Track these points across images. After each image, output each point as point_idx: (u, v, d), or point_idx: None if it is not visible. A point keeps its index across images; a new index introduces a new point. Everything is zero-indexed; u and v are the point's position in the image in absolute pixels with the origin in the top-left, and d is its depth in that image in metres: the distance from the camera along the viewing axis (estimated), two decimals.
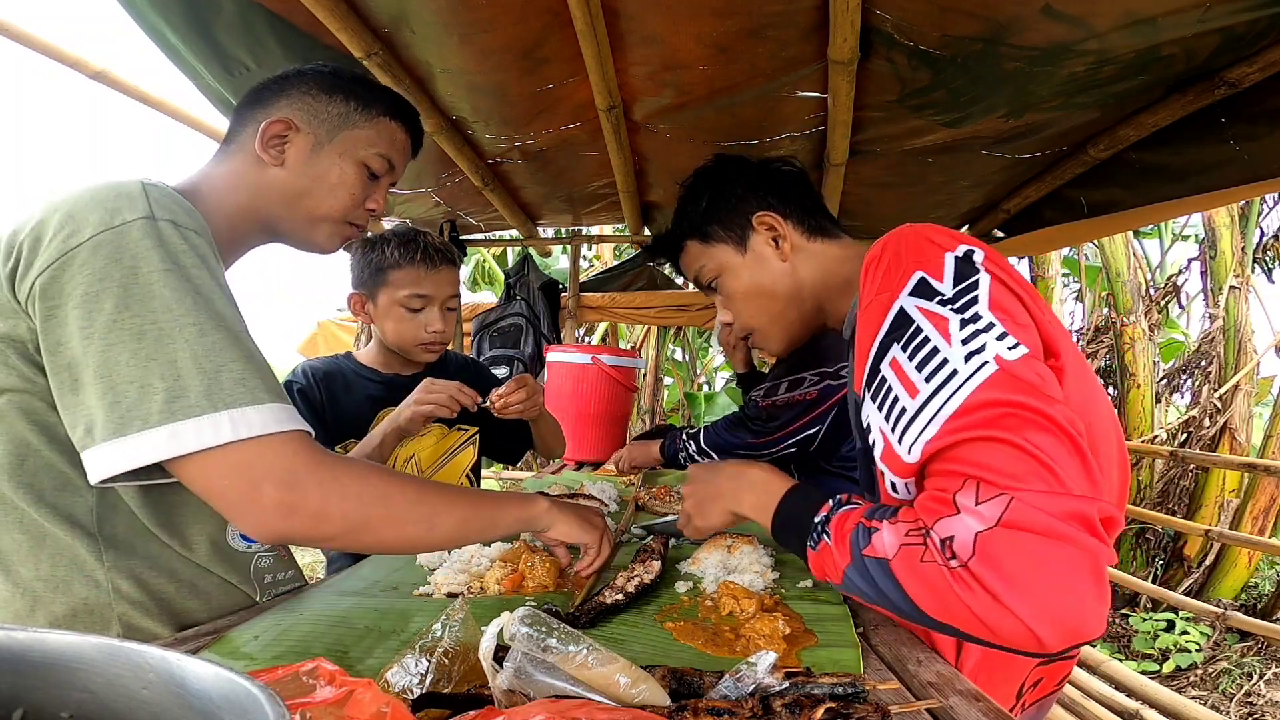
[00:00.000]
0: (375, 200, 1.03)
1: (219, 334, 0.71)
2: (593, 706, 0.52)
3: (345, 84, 0.99)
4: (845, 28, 1.61)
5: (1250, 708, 3.07)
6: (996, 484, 0.61)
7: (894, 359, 0.72)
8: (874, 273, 0.79)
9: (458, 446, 1.71)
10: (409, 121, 1.06)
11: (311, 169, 0.96)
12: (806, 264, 1.01)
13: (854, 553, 0.69)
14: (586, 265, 6.30)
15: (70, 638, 0.35)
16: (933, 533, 0.64)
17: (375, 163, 1.00)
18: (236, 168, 0.95)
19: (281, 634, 0.82)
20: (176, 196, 0.79)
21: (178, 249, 0.73)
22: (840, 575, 0.71)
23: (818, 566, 0.75)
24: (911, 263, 0.76)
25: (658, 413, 7.31)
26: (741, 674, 0.62)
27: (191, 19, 1.64)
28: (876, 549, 0.67)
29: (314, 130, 0.96)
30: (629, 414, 2.79)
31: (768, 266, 1.02)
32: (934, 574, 0.62)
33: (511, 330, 3.93)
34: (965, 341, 0.68)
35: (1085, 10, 1.42)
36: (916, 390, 0.69)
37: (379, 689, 0.47)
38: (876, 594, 0.68)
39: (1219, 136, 1.87)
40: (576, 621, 0.83)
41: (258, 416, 0.70)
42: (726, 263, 1.05)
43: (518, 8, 1.62)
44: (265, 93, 0.97)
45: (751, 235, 1.02)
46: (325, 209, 0.98)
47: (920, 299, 0.73)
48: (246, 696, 0.31)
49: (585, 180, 2.85)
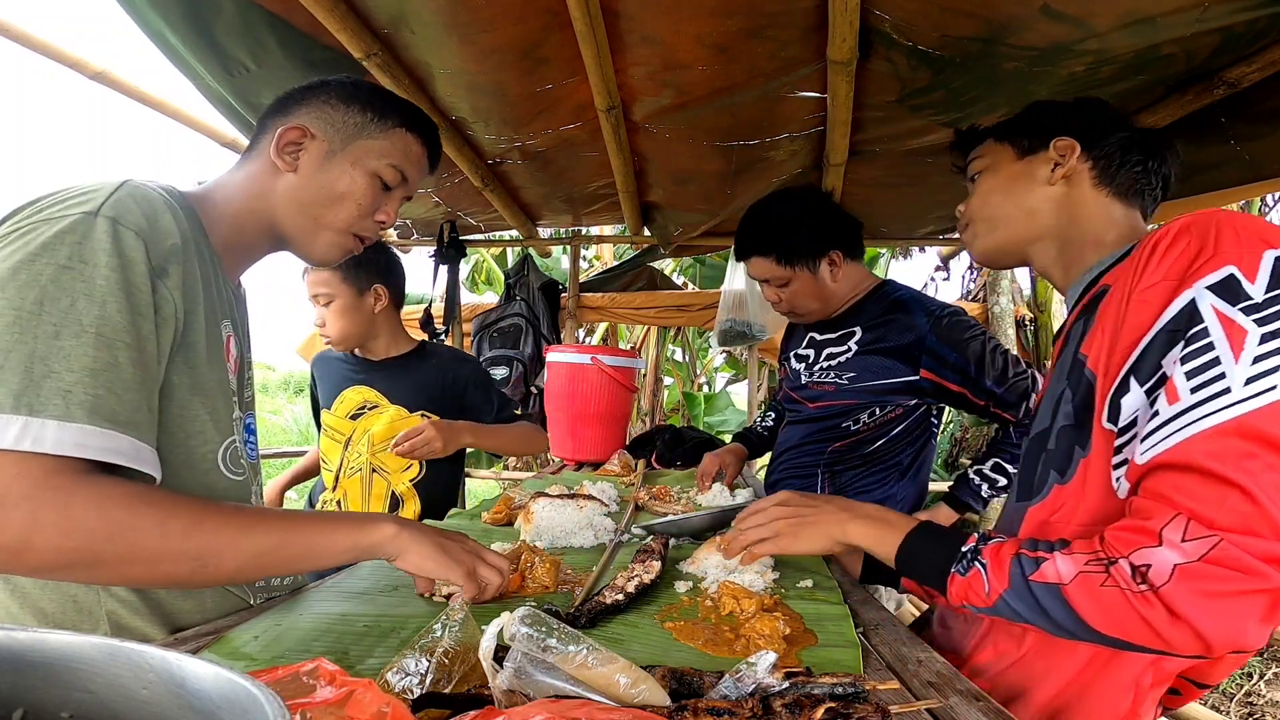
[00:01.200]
0: (385, 212, 1.02)
1: (76, 341, 0.68)
2: (593, 706, 0.52)
3: (364, 94, 0.99)
4: (844, 28, 1.61)
5: (1250, 708, 3.07)
6: (1210, 525, 0.62)
7: (1173, 356, 0.68)
8: (1167, 252, 0.72)
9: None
10: (425, 135, 1.05)
11: (322, 176, 0.96)
12: (1072, 200, 0.94)
13: (1015, 579, 0.73)
14: (586, 265, 6.30)
15: (70, 638, 0.35)
16: (1122, 562, 0.66)
17: (387, 173, 1.00)
18: (252, 173, 0.96)
19: (281, 634, 0.82)
20: (149, 197, 0.78)
21: (96, 247, 0.71)
22: (992, 598, 0.75)
23: (960, 591, 0.78)
24: (1224, 252, 0.68)
25: (658, 413, 7.31)
26: (741, 674, 0.62)
27: (191, 19, 1.64)
28: (1047, 575, 0.71)
29: (329, 138, 0.96)
30: (629, 414, 2.80)
31: (1029, 182, 0.96)
32: (1113, 597, 0.66)
33: (511, 330, 3.93)
34: (1257, 361, 0.63)
35: (1084, 10, 1.42)
36: (1177, 397, 0.66)
37: (379, 689, 0.47)
38: (1035, 615, 0.72)
39: (1219, 136, 1.87)
40: (576, 621, 0.83)
41: (52, 433, 0.65)
42: (998, 161, 1.01)
43: (517, 8, 1.62)
44: (288, 101, 0.98)
45: (1041, 151, 0.96)
46: (330, 217, 0.97)
47: (1220, 298, 0.66)
48: (246, 696, 0.31)
49: (585, 180, 2.85)
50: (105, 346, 0.70)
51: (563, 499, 1.36)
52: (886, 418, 1.62)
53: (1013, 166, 0.99)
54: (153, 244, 0.75)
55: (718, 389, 9.37)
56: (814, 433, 1.71)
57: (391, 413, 1.80)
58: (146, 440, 0.73)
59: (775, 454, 1.89)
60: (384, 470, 1.80)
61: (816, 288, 1.63)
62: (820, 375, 1.68)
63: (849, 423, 1.65)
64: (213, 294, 0.88)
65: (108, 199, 0.74)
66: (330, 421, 1.85)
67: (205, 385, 0.85)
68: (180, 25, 1.66)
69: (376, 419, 1.80)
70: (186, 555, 0.71)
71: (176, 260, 0.78)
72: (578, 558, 1.20)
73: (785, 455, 1.80)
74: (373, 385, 1.82)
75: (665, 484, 1.97)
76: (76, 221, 0.71)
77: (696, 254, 4.61)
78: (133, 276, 0.73)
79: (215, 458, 0.88)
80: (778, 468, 1.83)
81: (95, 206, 0.73)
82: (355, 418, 1.82)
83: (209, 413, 0.86)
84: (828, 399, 1.67)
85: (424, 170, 1.08)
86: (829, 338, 1.68)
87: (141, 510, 0.69)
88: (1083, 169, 0.93)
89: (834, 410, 1.66)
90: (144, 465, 0.73)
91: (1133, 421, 0.73)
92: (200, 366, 0.85)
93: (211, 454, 0.87)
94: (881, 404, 1.60)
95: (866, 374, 1.60)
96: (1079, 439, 0.83)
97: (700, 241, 3.59)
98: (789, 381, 1.83)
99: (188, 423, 0.84)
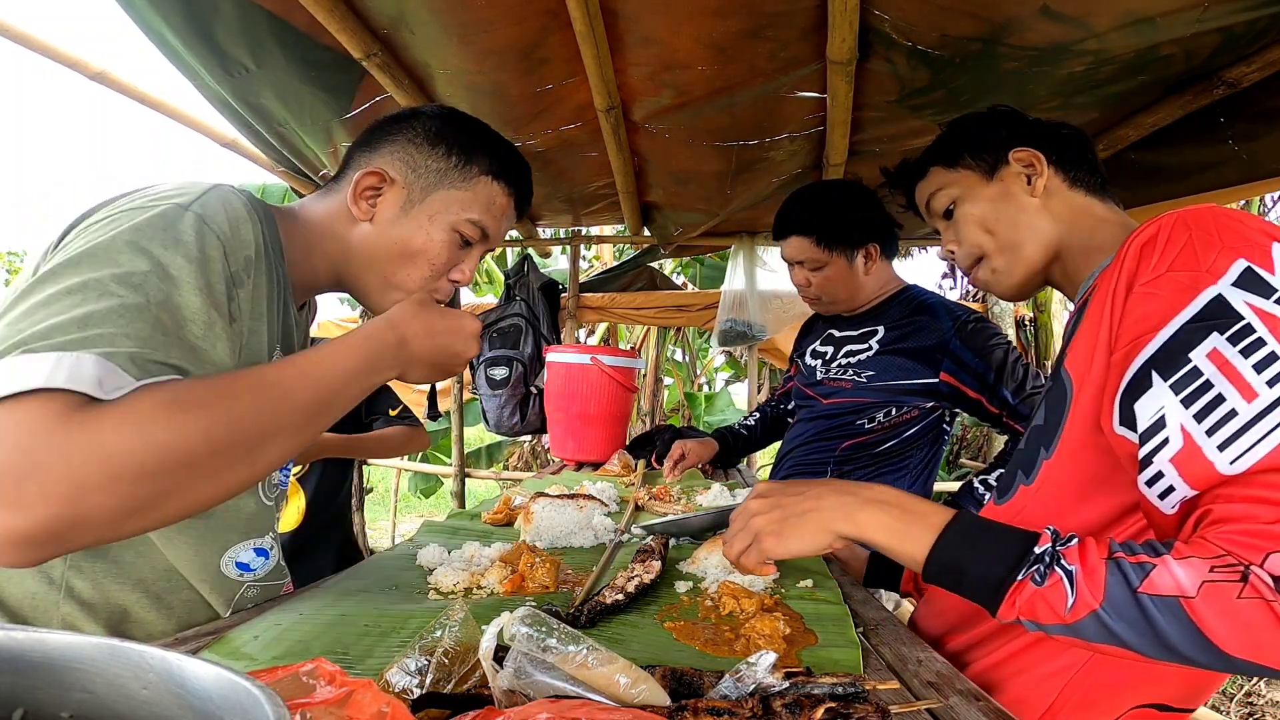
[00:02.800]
0: (462, 271, 0.94)
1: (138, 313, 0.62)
2: (593, 706, 0.52)
3: (452, 133, 0.92)
4: (844, 28, 1.61)
5: (1250, 708, 3.07)
6: None
7: (1215, 350, 0.63)
8: (1162, 248, 0.70)
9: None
10: (515, 183, 0.96)
11: (397, 230, 0.89)
12: (1059, 208, 0.93)
13: (1116, 591, 0.60)
14: (586, 266, 6.30)
15: (70, 638, 0.35)
16: (1259, 569, 0.57)
17: (468, 229, 0.92)
18: (331, 210, 0.91)
19: (281, 634, 0.82)
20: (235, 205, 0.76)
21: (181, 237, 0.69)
22: (1075, 615, 0.61)
23: (1027, 604, 0.63)
24: (1228, 247, 0.66)
25: (658, 413, 7.31)
26: (741, 674, 0.62)
27: (191, 20, 1.64)
28: (1161, 587, 0.58)
29: (408, 185, 0.90)
30: (629, 414, 2.79)
31: (1013, 200, 0.94)
32: (1254, 611, 0.56)
33: (511, 331, 3.92)
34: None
35: (1083, 10, 1.43)
36: (1254, 393, 0.61)
37: (379, 689, 0.47)
38: (1138, 635, 0.59)
39: (1217, 136, 1.87)
40: (576, 621, 0.83)
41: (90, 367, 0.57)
42: (969, 189, 0.98)
43: (517, 8, 1.62)
44: (376, 133, 0.93)
45: (1004, 168, 0.95)
46: (401, 276, 0.91)
47: (1248, 292, 0.64)
48: (246, 696, 0.31)
49: (585, 180, 2.85)
50: (160, 328, 0.64)
51: (563, 499, 1.36)
52: (902, 419, 1.62)
53: (988, 190, 0.96)
54: (232, 251, 0.74)
55: (718, 389, 9.37)
56: (826, 429, 1.71)
57: None
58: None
59: (783, 450, 1.89)
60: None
61: (849, 277, 1.64)
62: (838, 372, 1.70)
63: (864, 420, 1.65)
64: (275, 315, 0.84)
65: (198, 198, 0.73)
66: None
67: None
68: (180, 25, 1.66)
69: None
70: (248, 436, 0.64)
71: (249, 273, 0.76)
72: (578, 558, 1.20)
73: (795, 451, 1.80)
74: None
75: (665, 484, 1.97)
76: (168, 210, 0.71)
77: (696, 254, 4.61)
78: (210, 276, 0.70)
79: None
80: (785, 464, 1.83)
81: (187, 201, 0.72)
82: None
83: None
84: (843, 395, 1.68)
85: (509, 222, 0.98)
86: (849, 334, 1.71)
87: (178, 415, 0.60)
88: (1052, 175, 0.93)
89: (849, 407, 1.67)
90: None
91: (1158, 423, 0.65)
92: None
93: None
94: (898, 404, 1.61)
95: (886, 373, 1.61)
96: (1044, 439, 0.83)
97: (700, 241, 3.60)
98: (802, 377, 1.84)
99: None
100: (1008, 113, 1.00)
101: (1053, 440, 0.81)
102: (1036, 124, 0.98)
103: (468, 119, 0.96)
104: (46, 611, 0.79)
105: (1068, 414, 0.79)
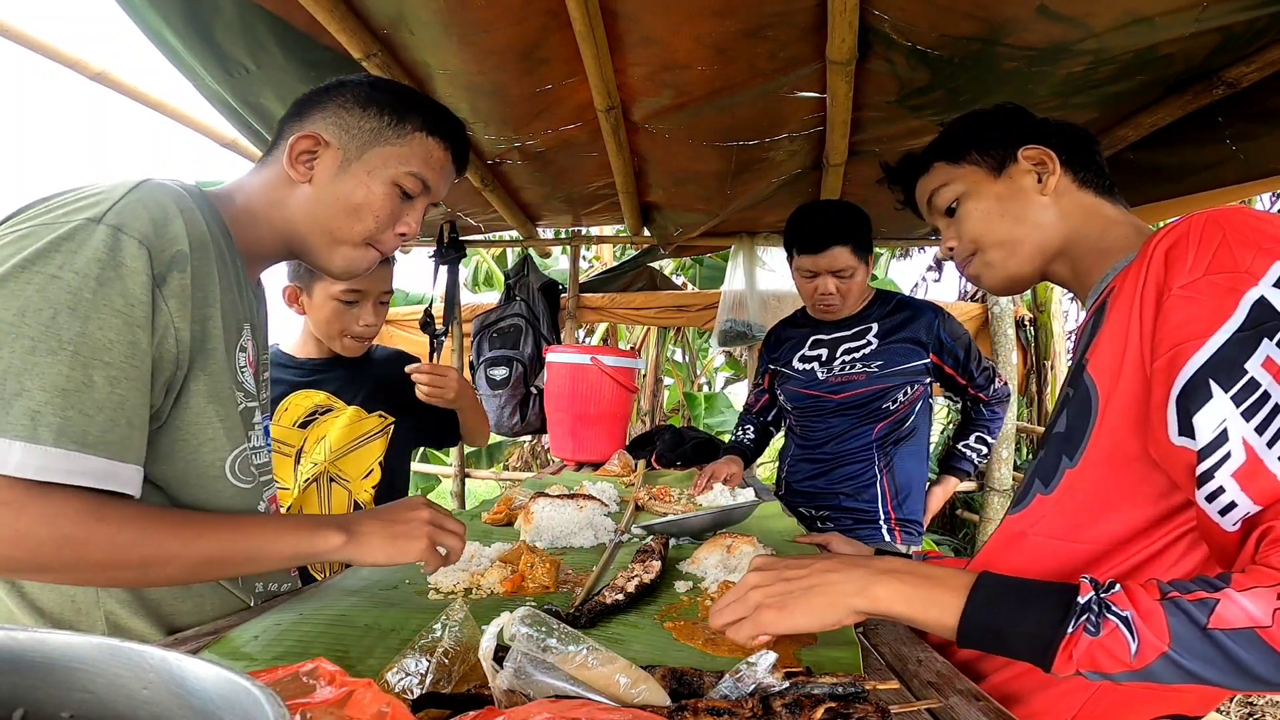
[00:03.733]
0: (407, 223, 0.97)
1: (52, 358, 0.67)
2: (593, 706, 0.52)
3: (382, 96, 0.94)
4: (843, 28, 1.61)
5: (1250, 708, 3.06)
6: None
7: (1269, 359, 0.62)
8: (1196, 250, 0.68)
9: (371, 434, 1.66)
10: (449, 137, 0.99)
11: (337, 187, 0.91)
12: (1068, 207, 0.92)
13: (1182, 631, 0.58)
14: (586, 266, 6.30)
15: (70, 638, 0.35)
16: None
17: (408, 182, 0.94)
18: (269, 180, 0.93)
19: (281, 634, 0.82)
20: (161, 201, 0.76)
21: (90, 258, 0.69)
22: (1144, 660, 0.59)
23: (1086, 656, 0.60)
24: (1264, 249, 0.65)
25: (658, 413, 7.30)
26: (741, 674, 0.62)
27: (191, 20, 1.64)
28: (1233, 620, 0.57)
29: (344, 146, 0.92)
30: (629, 415, 2.79)
31: (1022, 197, 0.93)
32: None
33: (511, 331, 3.92)
34: None
35: (1082, 10, 1.42)
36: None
37: (379, 689, 0.47)
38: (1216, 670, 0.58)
39: (1215, 136, 1.87)
40: (576, 621, 0.83)
41: (17, 455, 0.65)
42: (975, 185, 0.96)
43: (516, 8, 1.62)
44: (304, 105, 0.95)
45: (1012, 165, 0.94)
46: (346, 230, 0.93)
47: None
48: (246, 696, 0.31)
49: (585, 180, 2.85)
50: (81, 365, 0.68)
51: (563, 499, 1.36)
52: (913, 397, 1.88)
53: (994, 186, 0.94)
54: (157, 252, 0.73)
55: (718, 389, 9.37)
56: (859, 418, 1.90)
57: (349, 413, 1.64)
58: (122, 458, 0.72)
59: (800, 452, 2.01)
60: (343, 479, 1.63)
61: (864, 281, 1.89)
62: (844, 369, 1.90)
63: (888, 403, 1.87)
64: (233, 296, 0.86)
65: (115, 204, 0.72)
66: (275, 434, 1.62)
67: (221, 392, 0.84)
68: (180, 26, 1.66)
69: (332, 423, 1.63)
70: (131, 564, 0.73)
71: (180, 268, 0.76)
72: (578, 558, 1.20)
73: (828, 446, 1.94)
74: (323, 387, 1.65)
75: (665, 484, 1.97)
76: (76, 228, 0.70)
77: (696, 254, 4.61)
78: (131, 287, 0.71)
79: (223, 465, 0.86)
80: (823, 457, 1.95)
81: (100, 213, 0.71)
82: (305, 426, 1.62)
83: (222, 420, 0.85)
84: (858, 387, 1.87)
85: (449, 176, 1.02)
86: (842, 336, 1.92)
87: (93, 525, 0.70)
88: (1063, 175, 0.92)
89: (870, 395, 1.87)
90: (118, 485, 0.72)
91: (1220, 437, 0.63)
92: (218, 373, 0.83)
93: (220, 461, 0.86)
94: (911, 384, 1.86)
95: (894, 359, 1.85)
96: (1067, 449, 0.81)
97: (700, 242, 3.59)
98: (797, 382, 1.97)
99: (200, 429, 0.83)
100: (1016, 110, 0.99)
101: (1077, 449, 0.79)
102: (1045, 123, 0.97)
103: (395, 83, 0.99)
104: (90, 614, 0.83)
105: (1094, 422, 0.77)
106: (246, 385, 0.91)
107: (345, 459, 1.63)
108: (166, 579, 0.78)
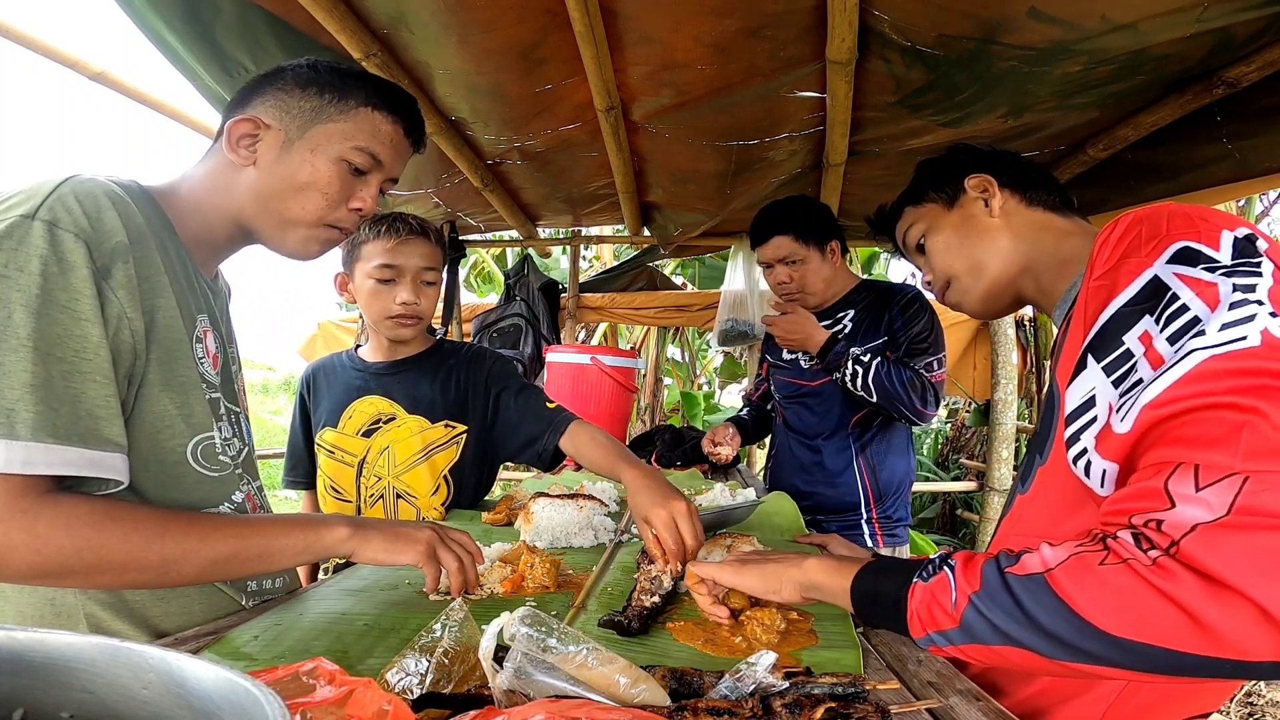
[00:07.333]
0: (361, 199, 0.95)
1: (15, 356, 0.67)
2: (593, 706, 0.52)
3: (321, 76, 0.93)
4: (843, 28, 1.61)
5: (1250, 708, 3.07)
6: (1222, 465, 0.51)
7: (1145, 332, 0.63)
8: (1116, 244, 0.71)
9: (439, 444, 1.56)
10: (398, 110, 0.97)
11: (281, 168, 0.90)
12: (1020, 226, 0.97)
13: (989, 577, 0.60)
14: (586, 266, 6.30)
15: (70, 638, 0.35)
16: (1123, 534, 0.55)
17: (355, 157, 0.93)
18: (213, 167, 0.92)
19: (281, 634, 0.82)
20: (92, 194, 0.75)
21: (31, 254, 0.69)
22: (959, 610, 0.62)
23: (923, 606, 0.65)
24: (1174, 235, 0.66)
25: (658, 413, 7.30)
26: (741, 674, 0.62)
27: (190, 20, 1.64)
28: (1028, 566, 0.58)
29: (285, 126, 0.90)
30: (629, 414, 2.80)
31: (974, 222, 1.00)
32: (1119, 576, 0.52)
33: (511, 331, 3.93)
34: (1233, 307, 0.58)
35: (1075, 11, 1.42)
36: (1161, 360, 0.60)
37: (379, 688, 0.47)
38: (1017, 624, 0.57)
39: (1211, 135, 1.87)
40: (629, 628, 0.83)
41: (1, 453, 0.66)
42: (934, 220, 1.05)
43: (516, 8, 1.62)
44: (245, 91, 0.93)
45: (962, 196, 1.02)
46: (296, 211, 0.92)
47: (1183, 266, 0.63)
48: (246, 696, 0.31)
49: (585, 180, 2.85)
50: (40, 360, 0.69)
51: (563, 499, 1.36)
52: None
53: (950, 218, 1.03)
54: (95, 244, 0.73)
55: (717, 389, 9.37)
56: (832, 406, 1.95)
57: (411, 424, 1.54)
58: (98, 447, 0.73)
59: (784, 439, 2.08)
60: (410, 495, 1.54)
61: (821, 269, 1.92)
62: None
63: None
64: (182, 288, 0.86)
65: (45, 201, 0.71)
66: (337, 441, 1.56)
67: (175, 380, 0.84)
68: (179, 26, 1.66)
69: (395, 434, 1.54)
70: (150, 564, 0.75)
71: (123, 259, 0.76)
72: (578, 558, 1.20)
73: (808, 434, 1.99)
74: (388, 394, 1.56)
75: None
76: (12, 226, 0.69)
77: (696, 254, 4.61)
78: (74, 281, 0.71)
79: (184, 451, 0.86)
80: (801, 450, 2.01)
81: (32, 209, 0.70)
82: (368, 435, 1.55)
83: (178, 407, 0.85)
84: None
85: (402, 150, 0.99)
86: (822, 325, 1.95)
87: (107, 526, 0.72)
88: (1008, 197, 0.98)
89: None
90: (102, 472, 0.73)
91: (1087, 402, 0.66)
92: (170, 361, 0.83)
93: (180, 448, 0.86)
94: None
95: (865, 340, 1.90)
96: (1038, 446, 0.85)
97: (700, 241, 3.59)
98: (786, 371, 2.07)
99: (157, 417, 0.83)
100: (964, 148, 1.08)
101: (1044, 446, 0.83)
102: (989, 153, 1.04)
103: (337, 64, 0.96)
104: (71, 615, 0.82)
105: (1057, 420, 0.79)
106: (208, 376, 0.91)
107: (410, 473, 1.54)
108: (184, 578, 0.79)
